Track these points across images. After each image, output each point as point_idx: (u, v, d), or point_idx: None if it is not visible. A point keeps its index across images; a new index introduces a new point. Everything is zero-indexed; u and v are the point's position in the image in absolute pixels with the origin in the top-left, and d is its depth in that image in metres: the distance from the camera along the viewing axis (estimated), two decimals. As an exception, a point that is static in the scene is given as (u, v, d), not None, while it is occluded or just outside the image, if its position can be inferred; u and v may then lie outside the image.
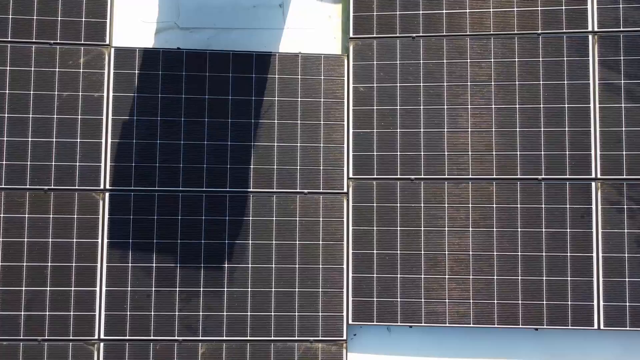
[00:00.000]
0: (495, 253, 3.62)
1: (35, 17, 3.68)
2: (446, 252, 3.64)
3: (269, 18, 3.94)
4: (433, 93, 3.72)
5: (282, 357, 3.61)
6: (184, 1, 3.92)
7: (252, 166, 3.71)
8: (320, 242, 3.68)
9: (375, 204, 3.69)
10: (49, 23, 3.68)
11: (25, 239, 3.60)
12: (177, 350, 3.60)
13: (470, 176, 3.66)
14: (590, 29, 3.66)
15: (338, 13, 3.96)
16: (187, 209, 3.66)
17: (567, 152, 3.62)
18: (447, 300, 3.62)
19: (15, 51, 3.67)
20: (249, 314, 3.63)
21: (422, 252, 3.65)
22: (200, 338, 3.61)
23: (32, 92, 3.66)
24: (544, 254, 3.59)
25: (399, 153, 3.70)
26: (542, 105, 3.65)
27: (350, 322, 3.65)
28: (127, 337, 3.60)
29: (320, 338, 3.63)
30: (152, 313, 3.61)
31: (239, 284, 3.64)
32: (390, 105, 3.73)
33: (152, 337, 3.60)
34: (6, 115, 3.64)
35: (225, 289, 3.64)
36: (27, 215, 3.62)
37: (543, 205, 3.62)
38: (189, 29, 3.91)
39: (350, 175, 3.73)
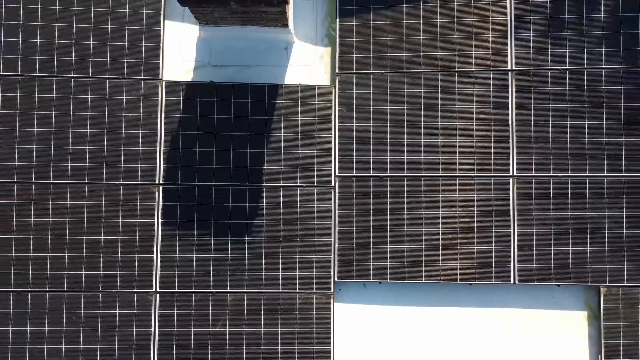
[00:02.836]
0: (440, 229, 5.00)
1: (108, 60, 5.08)
2: (405, 229, 5.02)
3: (277, 58, 5.31)
4: (396, 114, 5.10)
5: (287, 305, 5.00)
6: (214, 46, 5.30)
7: (265, 167, 5.09)
8: (315, 222, 5.06)
9: (354, 194, 5.08)
10: (118, 63, 5.08)
11: (102, 220, 5.00)
12: (212, 299, 4.99)
13: (423, 174, 5.04)
14: (509, 67, 5.03)
15: (328, 54, 5.34)
16: (219, 198, 5.04)
17: (492, 156, 5.00)
18: (405, 264, 5.00)
19: (94, 84, 5.06)
20: (263, 273, 5.02)
21: (388, 228, 5.03)
22: (228, 290, 5.00)
23: (106, 114, 5.06)
24: (475, 230, 4.98)
25: (371, 157, 5.09)
26: (474, 123, 5.03)
27: (336, 279, 5.04)
28: (176, 290, 4.99)
29: (314, 291, 5.02)
30: (194, 272, 5.00)
31: (256, 252, 5.03)
32: (365, 122, 5.12)
33: (193, 290, 4.99)
34: (88, 130, 5.04)
35: (246, 256, 5.03)
36: (103, 203, 5.01)
37: (475, 195, 5.00)
38: (219, 66, 5.29)
39: (337, 173, 5.11)
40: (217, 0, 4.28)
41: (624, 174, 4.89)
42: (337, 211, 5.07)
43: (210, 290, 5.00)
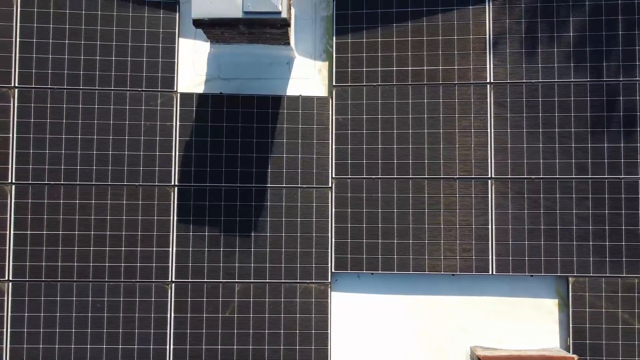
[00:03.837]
0: (427, 225, 5.57)
1: (129, 73, 5.66)
2: (395, 225, 5.59)
3: (280, 72, 5.88)
4: (387, 122, 5.67)
5: (289, 293, 5.58)
6: (223, 60, 5.87)
7: (269, 170, 5.66)
8: (314, 219, 5.64)
9: (349, 194, 5.66)
10: (138, 77, 5.65)
11: (124, 217, 5.58)
12: (222, 288, 5.57)
13: (410, 176, 5.62)
14: (488, 80, 5.61)
15: (325, 68, 5.91)
16: (228, 198, 5.62)
17: (472, 160, 5.57)
18: (395, 256, 5.57)
19: (116, 96, 5.64)
20: (267, 265, 5.60)
21: (379, 225, 5.60)
22: (236, 280, 5.57)
23: (127, 122, 5.63)
24: (457, 226, 5.55)
25: (364, 161, 5.66)
26: (457, 130, 5.60)
27: (333, 270, 5.62)
28: (189, 280, 5.57)
29: (313, 281, 5.59)
30: (205, 264, 5.58)
31: (261, 246, 5.61)
32: (359, 129, 5.69)
33: (205, 280, 5.57)
34: (110, 137, 5.61)
35: (252, 249, 5.60)
36: (124, 202, 5.59)
37: (457, 195, 5.57)
38: (227, 79, 5.86)
39: (333, 176, 5.69)
40: (228, 24, 4.86)
41: (590, 176, 5.46)
42: (334, 209, 5.65)
43: (220, 280, 5.57)
